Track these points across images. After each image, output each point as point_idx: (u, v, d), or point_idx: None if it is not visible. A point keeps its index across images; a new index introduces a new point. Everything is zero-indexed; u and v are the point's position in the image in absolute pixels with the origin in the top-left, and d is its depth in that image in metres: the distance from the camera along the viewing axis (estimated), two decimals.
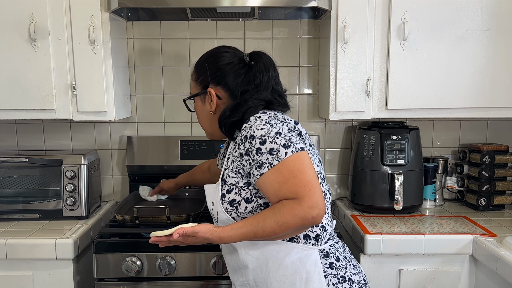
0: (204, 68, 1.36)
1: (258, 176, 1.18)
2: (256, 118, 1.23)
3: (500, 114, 1.88)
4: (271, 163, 1.15)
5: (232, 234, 1.16)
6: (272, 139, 1.17)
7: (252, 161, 1.19)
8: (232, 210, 1.25)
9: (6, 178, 1.93)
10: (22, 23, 1.77)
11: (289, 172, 1.14)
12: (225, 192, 1.26)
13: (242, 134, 1.23)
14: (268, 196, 1.19)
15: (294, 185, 1.13)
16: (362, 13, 1.80)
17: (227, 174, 1.27)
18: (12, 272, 1.67)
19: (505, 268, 1.46)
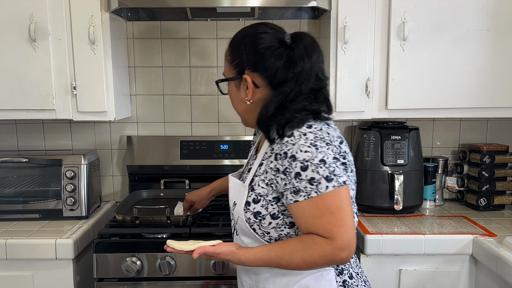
0: (239, 51, 1.21)
1: (291, 201, 1.09)
2: (301, 136, 1.09)
3: (500, 114, 1.88)
4: (309, 193, 1.06)
5: (254, 260, 1.11)
6: (315, 167, 1.06)
7: (288, 183, 1.09)
8: (254, 222, 1.16)
9: (6, 178, 1.93)
10: (22, 23, 1.77)
11: (326, 207, 1.06)
12: (251, 201, 1.17)
13: (282, 149, 1.10)
14: (297, 223, 1.12)
15: (329, 223, 1.06)
16: (362, 13, 1.80)
17: (257, 182, 1.17)
18: (12, 272, 1.67)
19: (505, 268, 1.46)
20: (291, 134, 1.10)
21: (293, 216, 1.12)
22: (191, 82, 2.21)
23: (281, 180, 1.11)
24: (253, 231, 1.17)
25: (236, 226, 1.24)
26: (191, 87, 2.21)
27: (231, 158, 2.13)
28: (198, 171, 2.13)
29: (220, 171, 2.14)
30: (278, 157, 1.11)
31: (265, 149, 1.19)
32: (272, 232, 1.16)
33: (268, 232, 1.16)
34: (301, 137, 1.09)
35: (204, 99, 2.22)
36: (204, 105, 2.23)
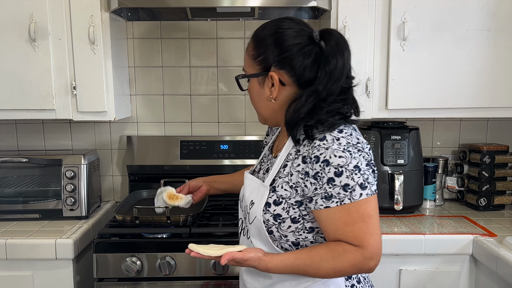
0: (265, 46, 1.14)
1: (321, 207, 1.06)
2: (334, 140, 1.06)
3: (500, 114, 1.88)
4: (342, 200, 1.04)
5: (281, 268, 1.07)
6: (350, 173, 1.04)
7: (319, 188, 1.06)
8: (273, 224, 1.13)
9: (6, 178, 1.93)
10: (22, 23, 1.77)
11: (358, 215, 1.04)
12: (272, 202, 1.12)
13: (313, 152, 1.06)
14: (325, 229, 1.09)
15: (360, 231, 1.04)
16: (362, 13, 1.80)
17: (280, 184, 1.13)
18: (12, 272, 1.67)
19: (505, 268, 1.46)
20: (323, 137, 1.07)
21: (320, 222, 1.09)
22: (191, 82, 2.21)
23: (310, 184, 1.07)
24: (269, 234, 1.14)
25: (250, 226, 1.18)
26: (191, 87, 2.21)
27: (231, 158, 2.12)
28: (198, 171, 2.12)
29: (220, 171, 2.13)
30: (307, 160, 1.08)
31: (288, 150, 1.16)
32: (290, 235, 1.13)
33: (285, 236, 1.13)
34: (334, 142, 1.06)
35: (204, 99, 2.22)
36: (204, 105, 2.22)
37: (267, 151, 1.32)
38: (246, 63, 1.20)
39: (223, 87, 2.21)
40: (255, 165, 1.35)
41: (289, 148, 1.15)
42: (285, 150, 1.16)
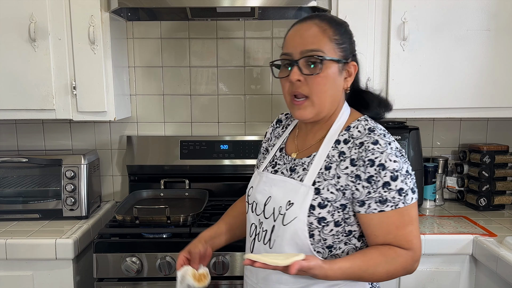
0: (347, 36, 1.16)
1: (375, 211, 1.07)
2: (387, 144, 1.08)
3: (500, 114, 1.88)
4: (396, 204, 1.06)
5: (339, 275, 1.05)
6: (404, 178, 1.06)
7: (373, 192, 1.06)
8: (316, 228, 1.10)
9: (6, 178, 1.93)
10: (22, 23, 1.77)
11: (409, 219, 1.07)
12: (316, 205, 1.09)
13: (366, 155, 1.07)
14: (374, 233, 1.09)
15: (410, 234, 1.08)
16: (362, 13, 1.80)
17: (326, 186, 1.10)
18: (12, 272, 1.67)
19: (505, 268, 1.45)
20: (376, 141, 1.08)
21: (369, 226, 1.09)
22: (191, 82, 2.21)
23: (363, 188, 1.07)
24: (309, 237, 1.10)
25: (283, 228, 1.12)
26: (191, 87, 2.21)
27: (231, 158, 2.13)
28: (198, 171, 2.13)
29: (220, 171, 2.14)
30: (359, 163, 1.08)
31: (326, 151, 1.14)
32: (329, 239, 1.12)
33: (325, 239, 1.11)
34: (387, 146, 1.08)
35: (204, 99, 2.22)
36: (204, 105, 2.22)
37: (277, 152, 1.28)
38: (326, 46, 1.11)
39: (223, 87, 2.22)
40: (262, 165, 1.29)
41: (327, 149, 1.14)
42: (322, 151, 1.14)
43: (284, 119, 1.38)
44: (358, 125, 1.15)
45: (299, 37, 1.12)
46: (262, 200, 1.19)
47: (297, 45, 1.11)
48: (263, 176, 1.24)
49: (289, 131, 1.31)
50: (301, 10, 2.07)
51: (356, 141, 1.11)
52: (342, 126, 1.17)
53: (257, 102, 2.22)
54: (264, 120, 2.22)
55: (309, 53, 1.09)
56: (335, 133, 1.16)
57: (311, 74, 1.10)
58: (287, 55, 1.13)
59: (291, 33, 1.15)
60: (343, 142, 1.13)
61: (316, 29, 1.11)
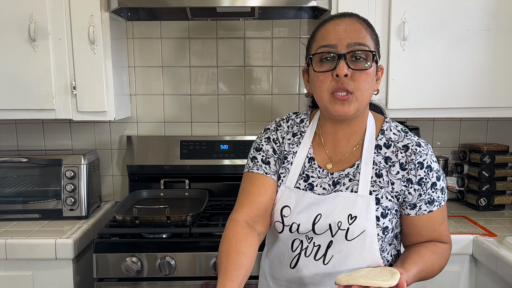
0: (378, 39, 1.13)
1: (425, 212, 1.10)
2: (427, 145, 1.12)
3: (500, 114, 1.88)
4: (440, 202, 1.11)
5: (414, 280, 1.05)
6: (443, 177, 1.12)
7: (423, 194, 1.09)
8: (381, 238, 1.08)
9: (6, 178, 1.93)
10: (22, 23, 1.77)
11: (444, 215, 1.14)
12: (379, 215, 1.07)
13: (416, 158, 1.08)
14: (420, 233, 1.12)
15: (447, 229, 1.15)
16: (362, 13, 1.76)
17: (383, 194, 1.08)
18: (12, 272, 1.67)
19: (505, 268, 1.45)
20: (419, 143, 1.10)
21: (415, 226, 1.12)
22: (191, 82, 2.21)
23: (414, 191, 1.09)
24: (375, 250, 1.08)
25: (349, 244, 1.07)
26: (191, 87, 2.21)
27: (231, 158, 2.12)
28: (198, 171, 2.13)
29: (220, 171, 2.14)
30: (409, 167, 1.08)
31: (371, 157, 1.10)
32: (385, 247, 1.13)
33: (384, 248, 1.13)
34: (427, 147, 1.11)
35: (204, 99, 2.22)
36: (204, 105, 2.22)
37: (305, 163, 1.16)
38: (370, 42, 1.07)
39: (223, 87, 2.21)
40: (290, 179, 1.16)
41: (370, 155, 1.11)
42: (367, 158, 1.11)
43: (289, 125, 1.22)
44: (390, 127, 1.14)
45: (344, 30, 1.05)
46: (308, 220, 1.10)
47: (343, 37, 1.04)
48: (306, 196, 1.12)
49: (310, 138, 1.18)
50: (301, 10, 2.07)
51: (397, 144, 1.11)
52: (375, 129, 1.14)
53: (257, 102, 2.22)
54: (264, 120, 2.22)
55: (358, 47, 1.04)
56: (372, 138, 1.12)
57: (360, 69, 1.04)
58: (330, 47, 1.04)
59: (330, 27, 1.07)
60: (384, 146, 1.12)
61: (360, 25, 1.07)
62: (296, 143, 1.19)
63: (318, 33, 1.10)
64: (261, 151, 1.21)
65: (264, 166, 1.18)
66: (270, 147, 1.20)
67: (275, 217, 1.15)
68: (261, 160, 1.19)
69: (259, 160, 1.20)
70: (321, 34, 1.08)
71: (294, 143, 1.19)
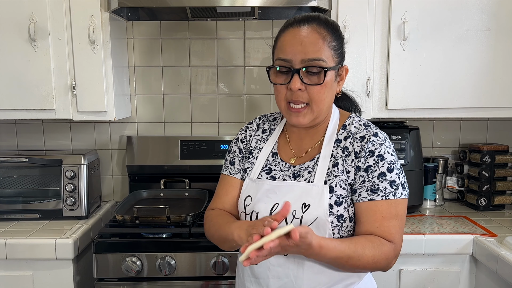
0: (341, 39, 1.15)
1: (365, 199, 1.10)
2: (385, 138, 1.14)
3: (500, 114, 1.88)
4: (387, 195, 1.09)
5: (331, 247, 1.02)
6: (398, 171, 1.11)
7: (367, 181, 1.10)
8: (336, 226, 1.10)
9: (6, 178, 1.93)
10: (22, 23, 1.77)
11: (395, 213, 1.10)
12: (333, 203, 1.10)
13: (367, 147, 1.11)
14: (361, 221, 1.11)
15: (394, 228, 1.10)
16: (362, 13, 1.80)
17: (338, 182, 1.11)
18: (12, 272, 1.67)
19: (505, 268, 1.45)
20: (376, 134, 1.13)
21: (358, 214, 1.12)
22: (191, 82, 2.21)
23: (359, 177, 1.11)
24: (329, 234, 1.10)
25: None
26: (191, 87, 2.21)
27: None
28: (198, 171, 2.13)
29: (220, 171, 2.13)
30: (360, 155, 1.12)
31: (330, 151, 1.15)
32: (345, 236, 1.13)
33: (342, 237, 1.12)
34: (386, 139, 1.13)
35: (204, 99, 2.22)
36: (204, 105, 2.22)
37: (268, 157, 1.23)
38: (326, 54, 1.10)
39: (223, 87, 2.21)
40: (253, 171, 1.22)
41: (329, 149, 1.16)
42: (325, 152, 1.16)
43: (261, 123, 1.31)
44: (353, 121, 1.19)
45: (299, 44, 1.08)
46: (266, 208, 1.14)
47: (297, 52, 1.08)
48: (263, 184, 1.18)
49: (277, 135, 1.26)
50: (301, 10, 2.07)
51: (355, 135, 1.15)
52: (337, 125, 1.20)
53: (257, 102, 2.22)
54: None
55: (311, 63, 1.08)
56: (333, 133, 1.18)
57: (313, 84, 1.09)
58: (286, 61, 1.10)
59: (288, 38, 1.10)
60: (343, 139, 1.16)
61: (317, 36, 1.08)
62: (264, 139, 1.27)
63: (278, 42, 1.14)
64: (231, 152, 1.32)
65: (230, 167, 1.29)
66: (237, 147, 1.30)
67: (240, 207, 1.22)
68: (229, 162, 1.31)
69: (228, 161, 1.31)
70: (280, 44, 1.13)
71: (262, 140, 1.27)
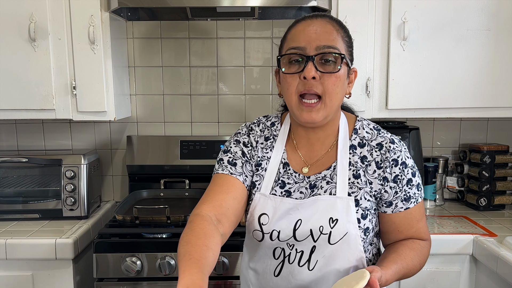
0: (352, 41, 1.12)
1: (401, 209, 1.08)
2: (400, 141, 1.11)
3: (500, 114, 1.88)
4: (417, 199, 1.10)
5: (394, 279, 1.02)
6: (418, 173, 1.11)
7: (399, 191, 1.08)
8: (363, 239, 1.06)
9: (6, 178, 1.93)
10: (22, 23, 1.77)
11: (423, 212, 1.12)
12: (360, 217, 1.06)
13: (390, 156, 1.07)
14: (398, 230, 1.10)
15: (425, 226, 1.13)
16: (362, 13, 1.80)
17: (362, 195, 1.07)
18: (12, 272, 1.67)
19: (505, 268, 1.45)
20: (392, 140, 1.10)
21: (392, 224, 1.11)
22: (191, 82, 2.21)
23: (390, 188, 1.08)
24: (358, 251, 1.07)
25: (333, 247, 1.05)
26: (191, 87, 2.21)
27: None
28: (198, 171, 2.13)
29: None
30: (385, 165, 1.07)
31: (347, 158, 1.09)
32: (367, 247, 1.11)
33: (366, 248, 1.10)
34: (400, 143, 1.11)
35: (204, 99, 2.22)
36: (204, 105, 2.22)
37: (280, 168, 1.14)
38: (340, 44, 1.05)
39: (223, 87, 2.21)
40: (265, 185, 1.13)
41: (346, 156, 1.09)
42: (343, 159, 1.09)
43: (260, 129, 1.19)
44: (363, 125, 1.14)
45: (314, 32, 1.03)
46: (288, 226, 1.07)
47: (312, 39, 1.02)
48: (283, 203, 1.09)
49: (283, 142, 1.16)
50: (301, 10, 2.07)
51: (371, 143, 1.10)
52: (348, 129, 1.13)
53: (257, 102, 2.22)
54: None
55: (327, 50, 1.02)
56: (345, 138, 1.12)
57: (328, 72, 1.02)
58: (298, 49, 1.03)
59: (301, 28, 1.05)
60: (358, 146, 1.11)
61: (331, 27, 1.05)
62: (270, 147, 1.16)
63: (289, 34, 1.08)
64: (229, 152, 1.18)
65: (230, 167, 1.15)
66: (239, 149, 1.17)
67: (253, 225, 1.11)
68: (227, 162, 1.16)
69: (225, 161, 1.17)
70: (292, 35, 1.07)
71: (267, 148, 1.16)
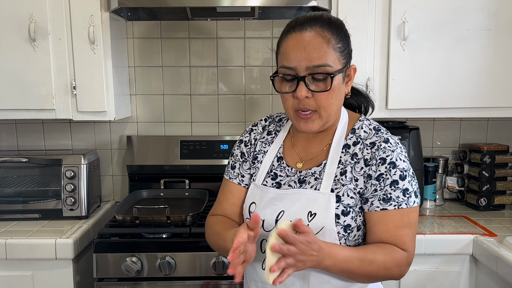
0: (347, 38, 1.11)
1: (377, 208, 1.06)
2: (397, 143, 1.09)
3: (500, 114, 1.88)
4: (400, 204, 1.05)
5: (340, 253, 1.00)
6: (410, 179, 1.07)
7: (379, 190, 1.06)
8: (343, 236, 1.07)
9: (6, 178, 1.93)
10: (22, 23, 1.77)
11: (408, 221, 1.06)
12: (340, 213, 1.06)
13: (378, 154, 1.06)
14: (373, 230, 1.08)
15: (407, 236, 1.06)
16: (362, 13, 1.80)
17: (345, 191, 1.07)
18: (12, 272, 1.67)
19: (505, 268, 1.45)
20: (387, 140, 1.08)
21: (370, 223, 1.08)
22: (191, 82, 2.21)
23: (371, 186, 1.07)
24: None
25: None
26: (191, 87, 2.21)
27: None
28: (198, 171, 2.13)
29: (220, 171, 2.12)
30: (371, 163, 1.07)
31: (337, 156, 1.11)
32: (351, 245, 1.09)
33: (349, 245, 1.09)
34: (397, 145, 1.08)
35: (204, 99, 2.22)
36: (204, 105, 2.22)
37: (274, 161, 1.19)
38: (332, 58, 1.05)
39: (223, 87, 2.21)
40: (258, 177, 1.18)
41: (337, 155, 1.11)
42: (333, 157, 1.11)
43: (267, 124, 1.26)
44: (362, 125, 1.14)
45: (303, 50, 1.03)
46: (272, 215, 1.11)
47: (302, 59, 1.03)
48: (268, 192, 1.14)
49: (282, 138, 1.22)
50: (301, 10, 2.07)
51: (365, 141, 1.10)
52: (346, 129, 1.15)
53: (257, 102, 2.22)
54: None
55: (317, 69, 1.03)
56: (341, 138, 1.13)
57: (320, 91, 1.04)
58: (290, 69, 1.05)
59: (291, 43, 1.05)
60: (352, 145, 1.12)
61: (320, 40, 1.04)
62: (269, 142, 1.23)
63: (281, 46, 1.09)
64: (233, 156, 1.28)
65: (230, 171, 1.26)
66: (239, 151, 1.26)
67: (245, 214, 1.19)
68: (230, 166, 1.27)
69: (229, 166, 1.27)
70: (284, 49, 1.08)
71: (267, 142, 1.23)
